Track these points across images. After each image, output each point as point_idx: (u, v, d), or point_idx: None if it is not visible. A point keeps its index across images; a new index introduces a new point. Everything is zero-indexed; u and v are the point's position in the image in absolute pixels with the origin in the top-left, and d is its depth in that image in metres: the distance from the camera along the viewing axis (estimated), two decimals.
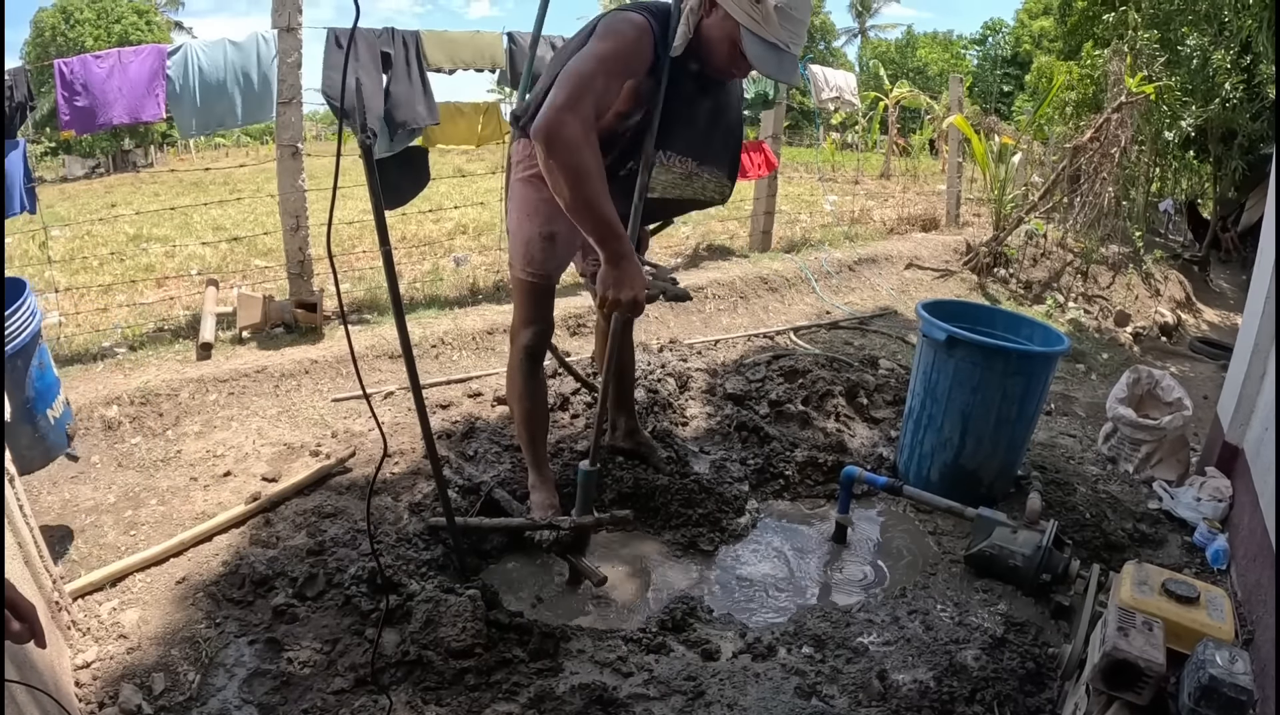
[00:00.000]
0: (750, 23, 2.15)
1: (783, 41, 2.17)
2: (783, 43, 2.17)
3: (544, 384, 2.96)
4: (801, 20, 2.18)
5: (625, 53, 2.22)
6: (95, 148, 30.68)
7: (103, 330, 4.74)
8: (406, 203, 5.24)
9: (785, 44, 2.18)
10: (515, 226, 2.68)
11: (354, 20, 1.81)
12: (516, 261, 2.69)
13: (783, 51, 2.19)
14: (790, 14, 2.14)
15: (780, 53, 2.19)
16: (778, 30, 2.15)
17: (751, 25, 2.16)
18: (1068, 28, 13.76)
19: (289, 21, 4.44)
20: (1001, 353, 3.16)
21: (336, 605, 2.41)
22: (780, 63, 2.20)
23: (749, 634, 2.45)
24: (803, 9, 2.17)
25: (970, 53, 49.09)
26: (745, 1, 2.14)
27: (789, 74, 2.25)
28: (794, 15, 2.15)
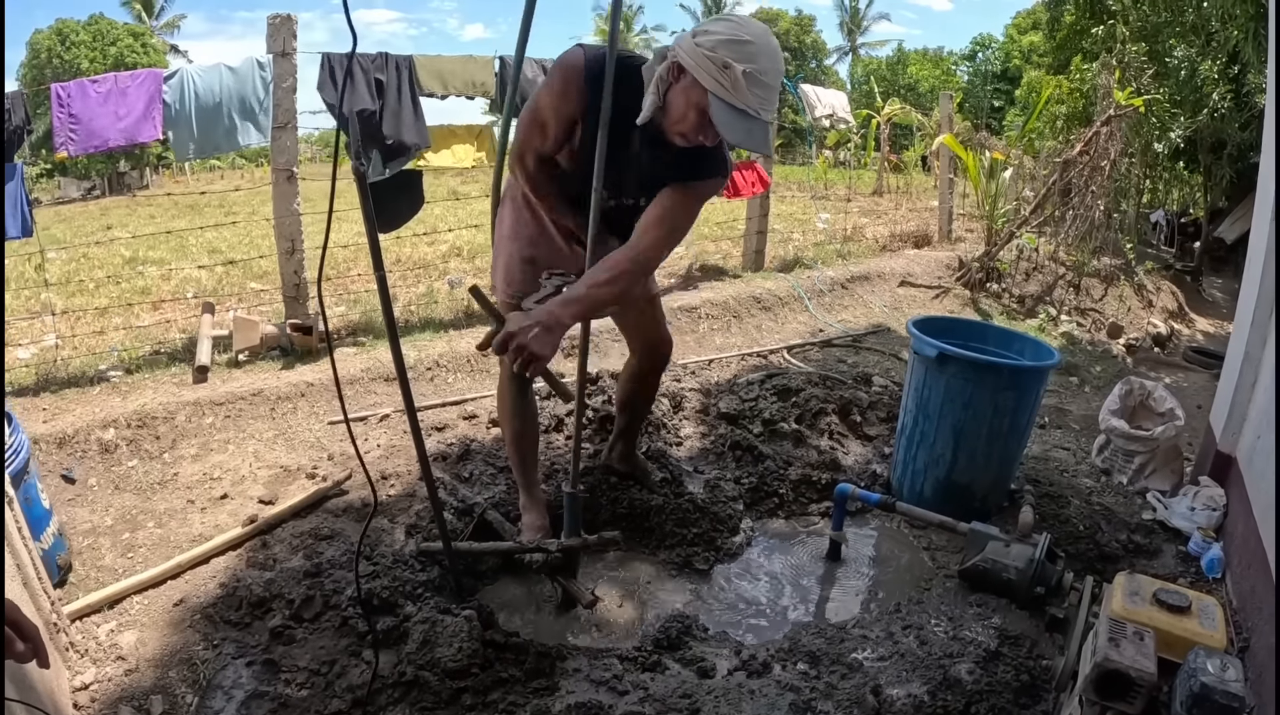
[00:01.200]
0: (719, 89, 2.05)
1: (752, 108, 2.06)
2: (752, 109, 2.07)
3: (534, 404, 2.98)
4: (772, 86, 2.08)
5: (546, 102, 2.31)
6: (91, 170, 30.74)
7: (99, 353, 4.75)
8: (401, 226, 5.27)
9: (755, 110, 2.07)
10: (497, 247, 2.73)
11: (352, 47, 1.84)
12: (498, 283, 2.72)
13: (752, 119, 2.08)
14: (760, 79, 2.04)
15: (750, 120, 2.08)
16: (746, 97, 2.04)
17: (720, 92, 2.05)
18: (1056, 42, 13.88)
19: (284, 46, 4.49)
20: (993, 368, 3.19)
21: (334, 627, 2.42)
22: (749, 130, 2.10)
23: (744, 651, 2.47)
24: (773, 75, 2.07)
25: (960, 68, 49.34)
26: (714, 68, 2.04)
27: (758, 142, 2.14)
28: (764, 81, 2.05)
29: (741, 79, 2.01)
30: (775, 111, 2.15)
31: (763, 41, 2.06)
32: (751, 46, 2.03)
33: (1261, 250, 3.32)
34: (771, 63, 2.06)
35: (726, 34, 2.05)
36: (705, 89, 2.06)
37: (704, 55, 2.04)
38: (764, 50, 2.05)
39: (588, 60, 2.23)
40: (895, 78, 45.02)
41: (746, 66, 2.01)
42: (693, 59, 2.06)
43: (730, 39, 2.04)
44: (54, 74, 31.49)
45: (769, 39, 2.09)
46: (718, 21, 2.11)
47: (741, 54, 2.02)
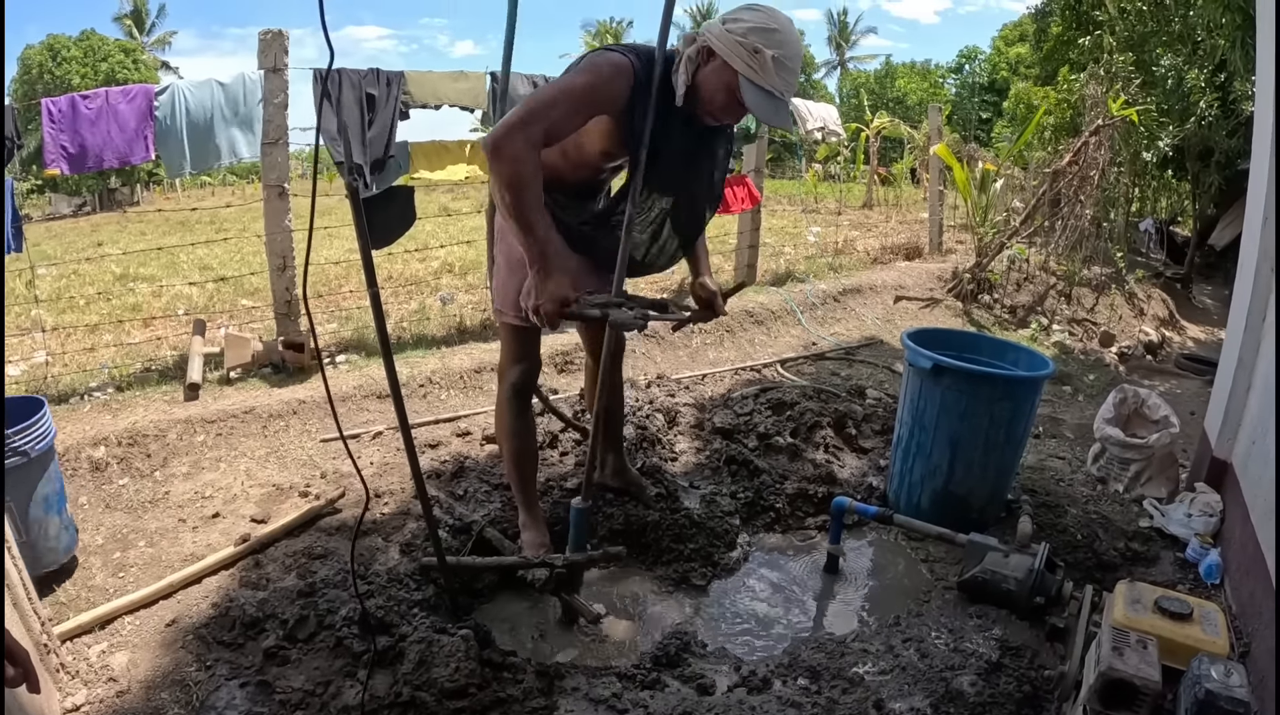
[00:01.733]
0: (749, 72, 2.23)
1: (778, 90, 2.26)
2: (778, 91, 2.26)
3: (533, 422, 2.99)
4: (794, 70, 2.28)
5: (594, 89, 2.30)
6: (82, 186, 30.70)
7: (90, 370, 4.72)
8: (393, 242, 5.26)
9: (780, 92, 2.27)
10: (505, 275, 2.71)
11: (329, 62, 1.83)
12: (506, 307, 2.72)
13: (778, 99, 2.28)
14: (785, 64, 2.24)
15: (776, 100, 2.28)
16: (774, 79, 2.24)
17: (750, 74, 2.23)
18: (1043, 53, 14.02)
19: (275, 62, 4.48)
20: (988, 378, 3.19)
21: (328, 647, 2.39)
22: (776, 109, 2.30)
23: (743, 667, 2.45)
24: (795, 60, 2.27)
25: (948, 81, 49.72)
26: (744, 52, 2.22)
27: (784, 120, 2.37)
28: (788, 65, 2.25)
29: (770, 63, 2.21)
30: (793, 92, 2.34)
31: (788, 30, 2.26)
32: (779, 34, 2.23)
33: (1253, 256, 3.33)
34: (795, 49, 2.27)
35: (757, 22, 2.24)
36: (736, 71, 2.24)
37: (735, 41, 2.23)
38: (789, 39, 2.25)
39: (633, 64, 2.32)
40: (884, 91, 45.36)
41: (775, 52, 2.21)
42: (723, 43, 2.25)
43: (760, 27, 2.23)
44: (45, 89, 31.48)
45: (793, 28, 2.29)
46: (747, 10, 2.28)
47: (770, 40, 2.22)
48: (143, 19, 46.28)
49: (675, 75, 2.34)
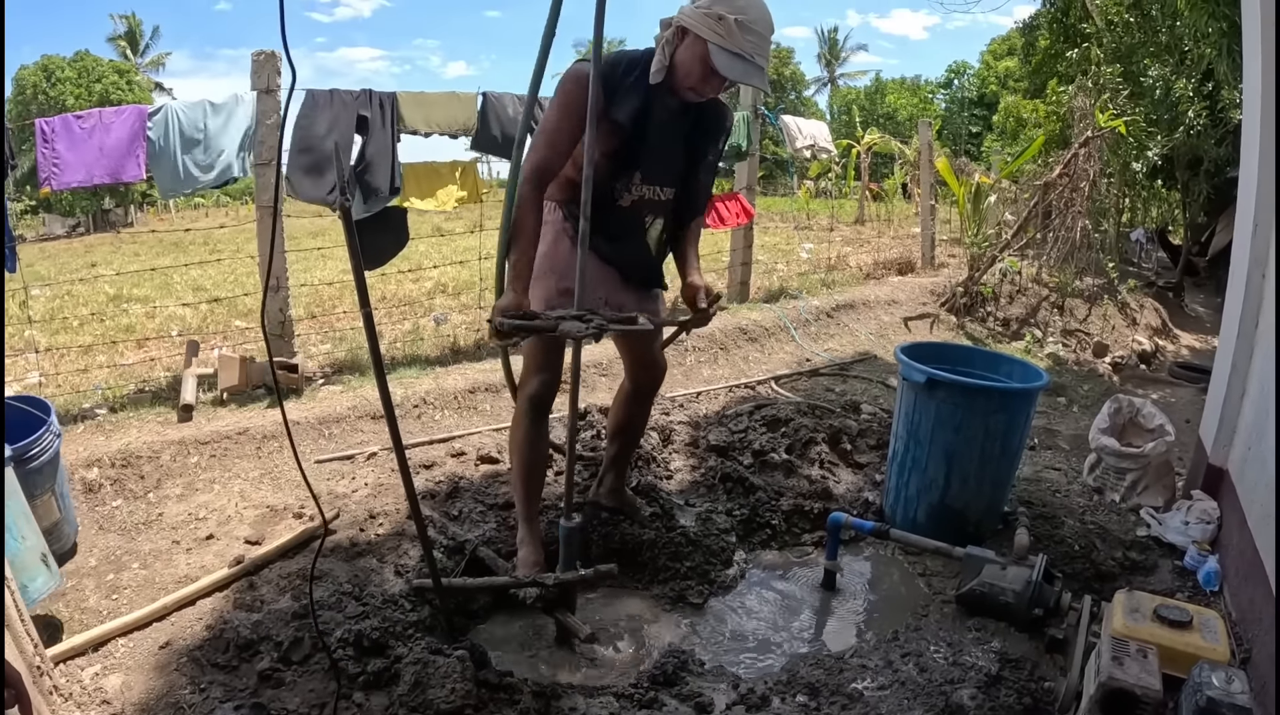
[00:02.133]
0: (716, 38, 2.37)
1: (746, 52, 2.39)
2: (746, 53, 2.39)
3: (547, 437, 2.96)
4: (761, 34, 2.40)
5: (567, 107, 2.47)
6: (75, 206, 30.73)
7: (83, 391, 4.71)
8: (386, 263, 5.26)
9: (749, 54, 2.39)
10: (533, 282, 2.72)
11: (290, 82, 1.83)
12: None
13: (747, 60, 2.40)
14: (750, 27, 2.37)
15: (745, 61, 2.40)
16: (741, 41, 2.37)
17: (717, 40, 2.38)
18: (1032, 67, 14.13)
19: (268, 83, 4.50)
20: (982, 391, 3.20)
21: (323, 669, 2.37)
22: (746, 69, 2.42)
23: (742, 685, 2.43)
24: (761, 23, 2.39)
25: (938, 96, 50.10)
26: (711, 21, 2.37)
27: (755, 78, 2.46)
28: (754, 28, 2.37)
29: (735, 26, 2.35)
30: (768, 59, 2.49)
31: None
32: (740, 1, 2.37)
33: (1244, 263, 3.35)
34: (760, 13, 2.40)
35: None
36: (705, 40, 2.39)
37: (702, 14, 2.39)
38: (752, 3, 2.40)
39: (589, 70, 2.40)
40: (874, 107, 45.64)
41: (738, 16, 2.35)
42: (692, 19, 2.41)
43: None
44: (39, 110, 31.56)
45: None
46: None
47: (733, 6, 2.36)
48: (137, 40, 46.50)
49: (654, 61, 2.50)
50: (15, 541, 2.43)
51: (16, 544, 2.44)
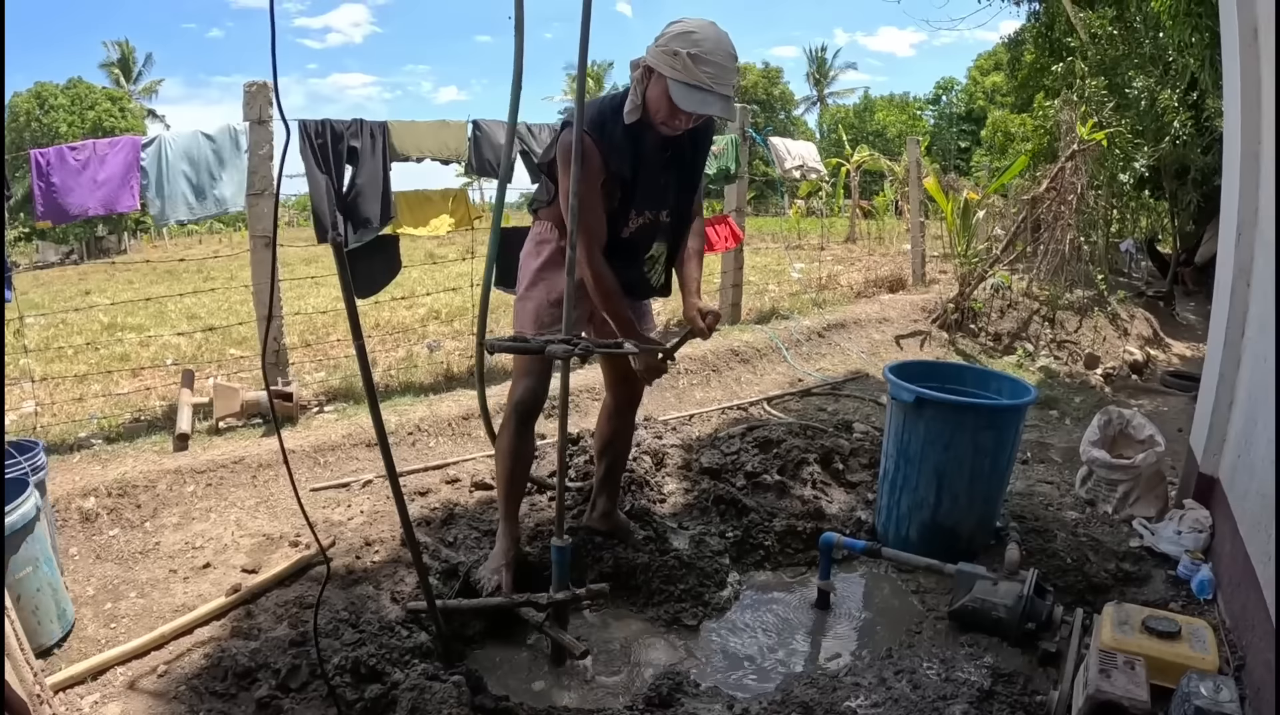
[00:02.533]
0: (673, 73, 2.48)
1: (704, 83, 2.46)
2: (704, 84, 2.47)
3: (531, 444, 3.04)
4: (718, 63, 2.47)
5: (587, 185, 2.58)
6: (69, 234, 30.77)
7: (79, 421, 4.72)
8: (379, 291, 5.28)
9: (706, 84, 2.47)
10: (525, 293, 2.94)
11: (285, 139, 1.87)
12: (526, 326, 2.90)
13: (705, 91, 2.48)
14: (705, 58, 2.45)
15: (703, 92, 2.48)
16: (696, 74, 2.45)
17: (675, 75, 2.48)
18: (1018, 81, 14.25)
19: (260, 114, 4.54)
20: (970, 408, 3.23)
21: (321, 696, 2.38)
22: (704, 100, 2.49)
23: (736, 706, 2.44)
24: (718, 53, 2.47)
25: (926, 112, 50.46)
26: (666, 57, 2.48)
27: (714, 107, 2.52)
28: (709, 58, 2.45)
29: (689, 61, 2.44)
30: (732, 87, 2.56)
31: (706, 30, 2.50)
32: (695, 34, 2.48)
33: (1229, 272, 3.39)
34: (715, 44, 2.48)
35: (675, 30, 2.52)
36: (665, 76, 2.49)
37: (660, 51, 2.51)
38: (708, 36, 2.48)
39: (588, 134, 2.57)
40: (863, 125, 45.92)
41: (692, 49, 2.45)
42: (653, 57, 2.53)
43: (677, 33, 2.50)
44: (32, 137, 31.67)
45: (714, 28, 2.53)
46: (671, 25, 2.57)
47: (687, 41, 2.47)
48: (130, 67, 46.73)
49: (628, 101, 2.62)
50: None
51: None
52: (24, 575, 2.59)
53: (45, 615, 2.67)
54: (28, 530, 2.61)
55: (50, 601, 2.69)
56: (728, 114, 2.62)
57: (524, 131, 5.38)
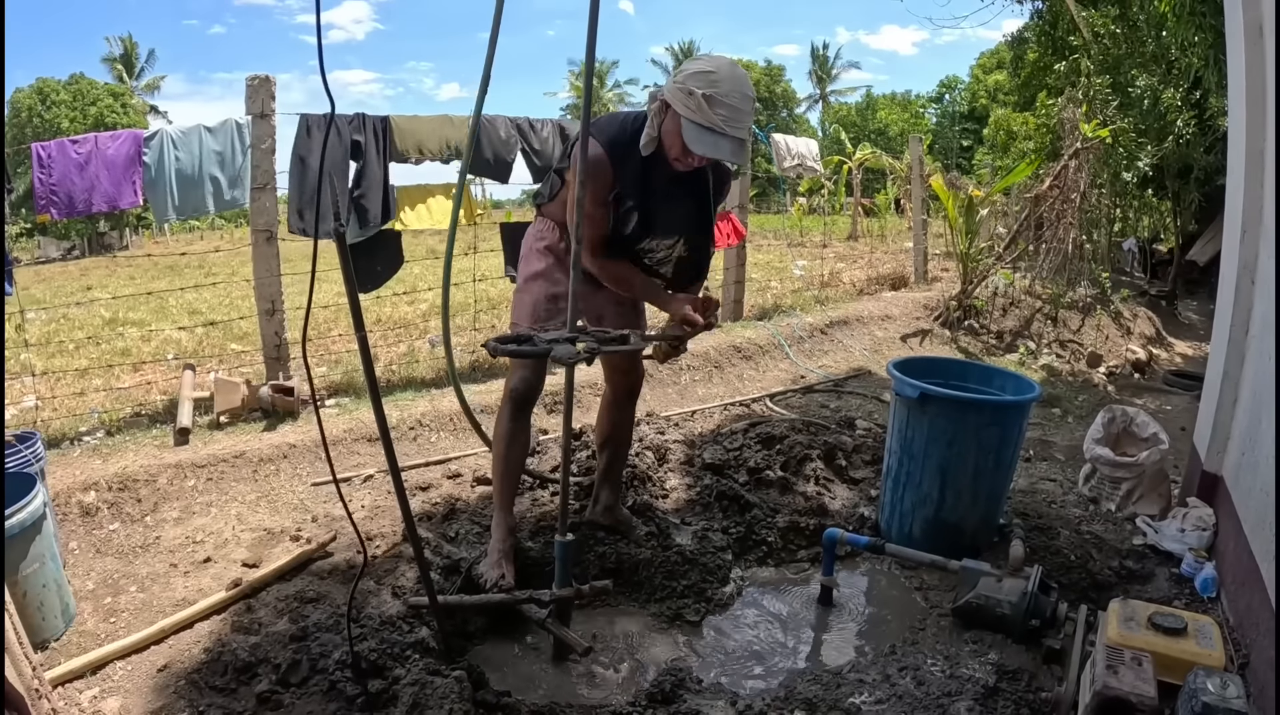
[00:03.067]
0: (687, 112, 2.46)
1: (717, 125, 2.44)
2: (716, 126, 2.44)
3: (526, 432, 3.08)
4: (734, 105, 2.44)
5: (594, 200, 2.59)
6: (70, 230, 30.77)
7: (79, 415, 4.71)
8: (380, 286, 5.28)
9: (719, 127, 2.44)
10: (524, 287, 3.02)
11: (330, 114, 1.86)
12: (523, 319, 2.96)
13: (718, 134, 2.46)
14: (720, 100, 2.42)
15: (715, 134, 2.46)
16: (710, 116, 2.43)
17: (688, 114, 2.46)
18: (1021, 80, 14.23)
19: (262, 108, 4.53)
20: (974, 405, 3.21)
21: (321, 691, 2.37)
22: (715, 143, 2.47)
23: (739, 702, 2.43)
24: (733, 95, 2.44)
25: (929, 111, 50.45)
26: (683, 96, 2.46)
27: (724, 152, 2.50)
28: (724, 101, 2.42)
29: (703, 101, 2.42)
30: (747, 129, 2.55)
31: (724, 70, 2.47)
32: (713, 74, 2.45)
33: (1233, 270, 3.38)
34: (732, 85, 2.45)
35: (693, 68, 2.50)
36: (679, 114, 2.48)
37: (677, 88, 2.49)
38: (725, 77, 2.45)
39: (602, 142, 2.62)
40: (865, 123, 45.90)
41: (708, 90, 2.42)
42: (670, 94, 2.52)
43: (695, 71, 2.48)
44: (34, 133, 31.69)
45: (733, 69, 2.50)
46: (690, 61, 2.55)
47: (703, 81, 2.44)
48: (132, 63, 46.73)
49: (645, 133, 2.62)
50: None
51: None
52: (31, 571, 2.61)
53: (50, 611, 2.69)
54: (36, 528, 2.62)
55: (55, 597, 2.71)
56: (738, 159, 2.60)
57: (525, 127, 5.38)
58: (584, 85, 2.48)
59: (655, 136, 2.61)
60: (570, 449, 2.71)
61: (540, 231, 3.03)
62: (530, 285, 2.98)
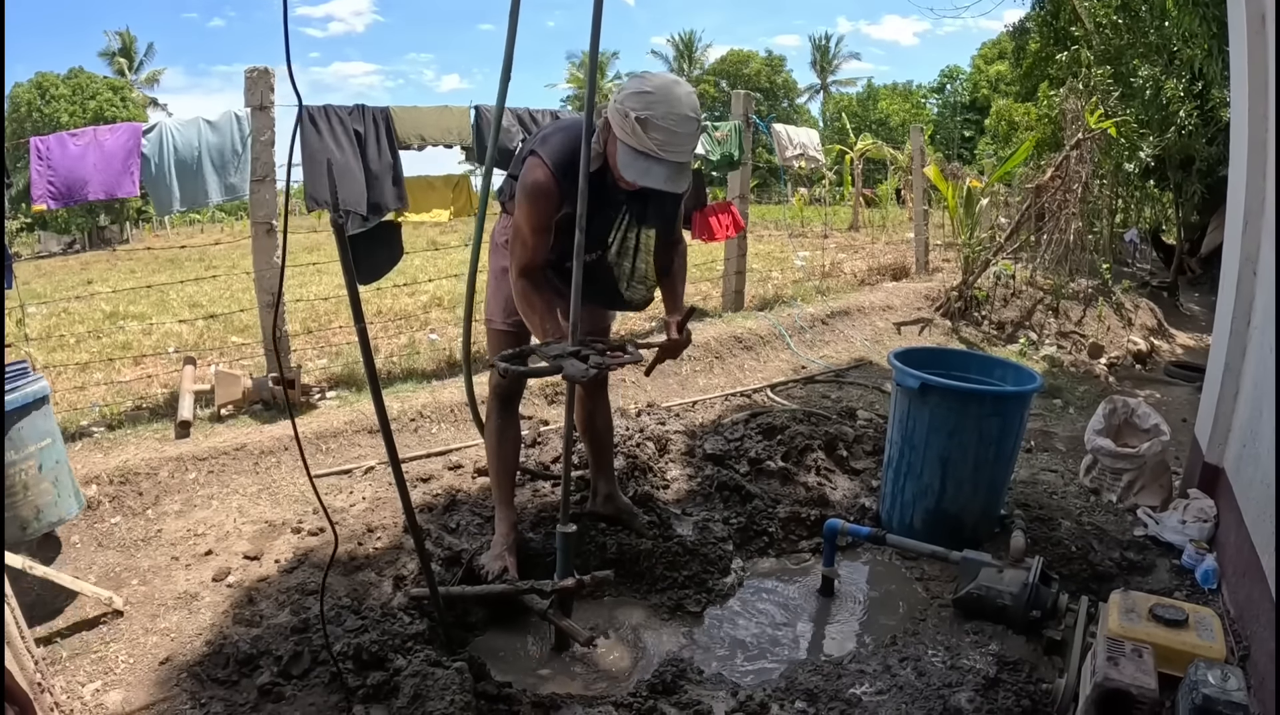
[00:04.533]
0: (623, 135, 2.38)
1: (650, 150, 2.34)
2: (651, 151, 2.35)
3: (516, 425, 3.12)
4: (669, 128, 2.33)
5: (536, 227, 2.56)
6: (71, 224, 30.76)
7: (80, 409, 4.71)
8: (381, 278, 5.27)
9: (653, 152, 2.35)
10: (496, 284, 2.97)
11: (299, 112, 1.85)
12: (496, 314, 2.96)
13: (651, 159, 2.36)
14: (655, 123, 2.31)
15: (648, 160, 2.36)
16: (644, 140, 2.33)
17: (623, 138, 2.38)
18: (1023, 70, 14.18)
19: (262, 100, 4.52)
20: (975, 395, 3.21)
21: (323, 683, 2.38)
22: (648, 169, 2.38)
23: (740, 693, 2.43)
24: (669, 119, 2.32)
25: (930, 101, 50.28)
26: (619, 118, 2.37)
27: (657, 179, 2.39)
28: (660, 124, 2.32)
29: (637, 125, 2.32)
30: (688, 152, 2.42)
31: (662, 92, 2.34)
32: (650, 96, 2.34)
33: (1235, 261, 3.38)
34: (670, 108, 2.33)
35: (631, 88, 2.38)
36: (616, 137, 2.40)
37: (615, 109, 2.38)
38: (662, 99, 2.33)
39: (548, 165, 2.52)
40: (866, 114, 45.76)
41: (642, 113, 2.31)
42: (610, 113, 2.42)
43: (632, 92, 2.37)
44: (33, 128, 31.61)
45: (672, 89, 2.36)
46: (632, 79, 2.43)
47: (639, 103, 2.34)
48: (131, 56, 46.59)
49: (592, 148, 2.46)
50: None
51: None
52: (45, 445, 2.91)
53: (63, 489, 2.96)
54: (41, 405, 2.91)
55: (67, 476, 2.98)
56: (673, 186, 2.43)
57: (525, 118, 5.36)
58: (587, 89, 2.46)
59: (600, 153, 2.51)
60: (572, 440, 2.71)
61: (507, 232, 2.91)
62: (503, 283, 2.93)
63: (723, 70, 54.50)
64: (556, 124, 2.73)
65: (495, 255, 3.00)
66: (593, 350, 2.46)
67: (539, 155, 2.55)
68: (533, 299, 2.63)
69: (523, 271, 2.64)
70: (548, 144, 2.58)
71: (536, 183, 2.53)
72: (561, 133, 2.60)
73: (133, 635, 2.70)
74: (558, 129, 2.65)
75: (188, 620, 2.77)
